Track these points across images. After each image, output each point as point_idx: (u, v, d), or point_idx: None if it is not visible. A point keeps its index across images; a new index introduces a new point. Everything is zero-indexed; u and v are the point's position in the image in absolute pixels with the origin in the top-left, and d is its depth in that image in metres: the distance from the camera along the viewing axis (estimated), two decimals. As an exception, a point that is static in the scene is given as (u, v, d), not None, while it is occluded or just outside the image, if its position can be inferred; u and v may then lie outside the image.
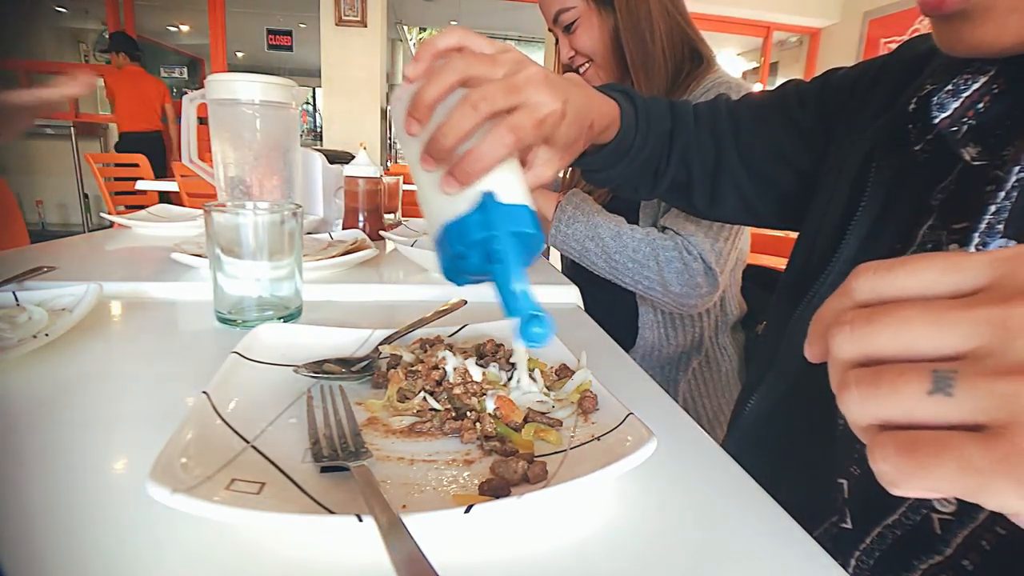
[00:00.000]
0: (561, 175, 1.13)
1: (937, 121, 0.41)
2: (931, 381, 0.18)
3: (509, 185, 0.37)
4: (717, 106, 0.68)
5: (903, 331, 0.19)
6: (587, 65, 0.97)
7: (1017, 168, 0.35)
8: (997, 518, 0.34)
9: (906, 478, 0.18)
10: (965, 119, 0.40)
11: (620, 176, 0.64)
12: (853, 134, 0.52)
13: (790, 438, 0.49)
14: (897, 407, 0.18)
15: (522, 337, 0.32)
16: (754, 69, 5.76)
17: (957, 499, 0.36)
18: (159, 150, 4.26)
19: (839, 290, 0.21)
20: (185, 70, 6.38)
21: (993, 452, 0.16)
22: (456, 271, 0.37)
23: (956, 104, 0.40)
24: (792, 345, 0.49)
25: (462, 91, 0.38)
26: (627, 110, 0.59)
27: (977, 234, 0.36)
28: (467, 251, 0.35)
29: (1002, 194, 0.36)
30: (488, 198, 0.35)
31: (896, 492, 0.18)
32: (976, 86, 0.40)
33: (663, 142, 0.65)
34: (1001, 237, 0.36)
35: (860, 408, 0.19)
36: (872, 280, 0.20)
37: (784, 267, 0.59)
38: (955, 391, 0.17)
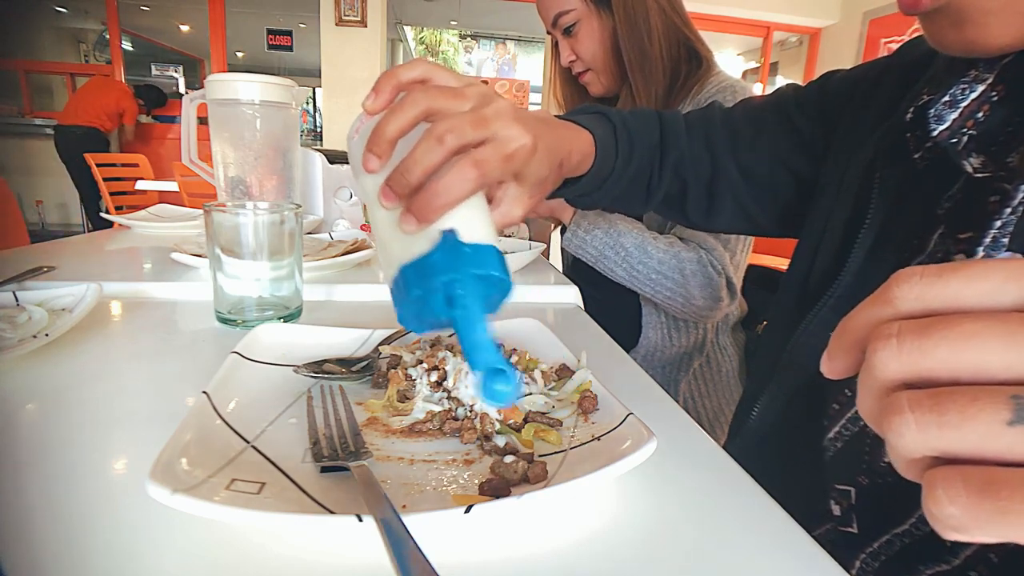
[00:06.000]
0: None
1: (936, 134, 0.40)
2: (1012, 409, 0.15)
3: (474, 223, 0.34)
4: (711, 114, 0.65)
5: (968, 347, 0.16)
6: (586, 72, 0.97)
7: None
8: None
9: (980, 524, 0.15)
10: (964, 130, 0.39)
11: (605, 198, 0.62)
12: (854, 139, 0.52)
13: (793, 446, 0.49)
14: (967, 439, 0.16)
15: (483, 394, 0.29)
16: (754, 69, 5.76)
17: None
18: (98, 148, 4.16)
19: (876, 297, 0.18)
20: (181, 69, 6.38)
21: None
22: (414, 317, 0.33)
23: (955, 115, 0.40)
24: (797, 356, 0.48)
25: (425, 125, 0.36)
26: (603, 137, 0.56)
27: (982, 247, 0.36)
28: (426, 295, 0.31)
29: (1008, 210, 0.35)
30: (450, 236, 0.32)
31: (959, 538, 0.16)
32: (974, 95, 0.39)
33: (652, 157, 0.63)
34: (1006, 250, 0.35)
35: (917, 437, 0.16)
36: (919, 287, 0.17)
37: (784, 268, 0.59)
38: None
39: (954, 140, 0.39)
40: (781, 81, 5.72)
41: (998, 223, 0.36)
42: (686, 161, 0.64)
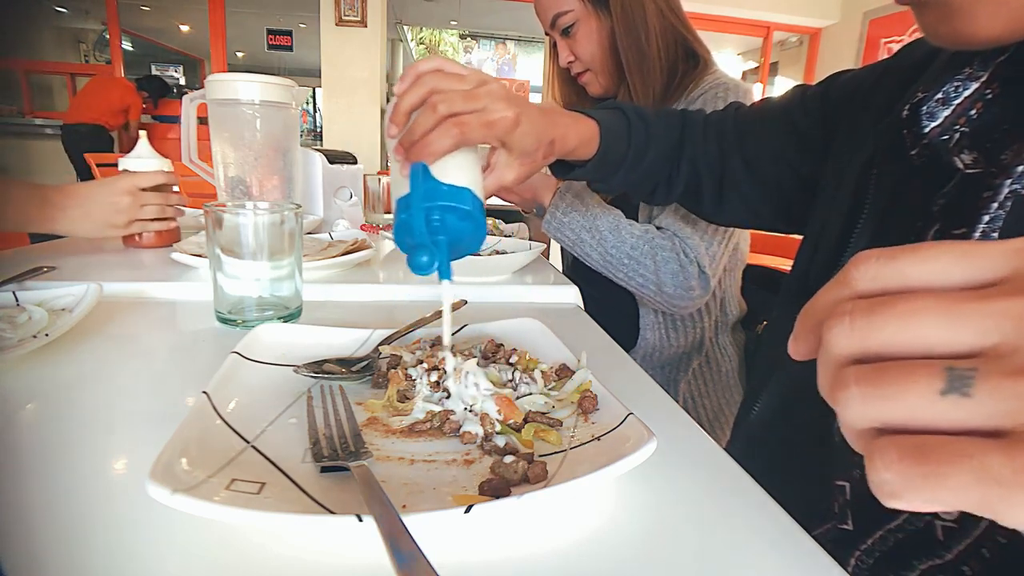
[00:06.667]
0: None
1: (927, 130, 0.40)
2: (945, 380, 0.16)
3: (458, 173, 0.45)
4: (727, 113, 0.69)
5: (911, 324, 0.17)
6: (584, 72, 0.96)
7: (1009, 180, 0.35)
8: (998, 527, 0.33)
9: (912, 489, 0.16)
10: (957, 127, 0.39)
11: (624, 184, 0.67)
12: (854, 139, 0.52)
13: (792, 442, 0.49)
14: (904, 408, 0.16)
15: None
16: (754, 69, 5.76)
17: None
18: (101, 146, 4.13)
19: (836, 279, 0.19)
20: (181, 69, 6.38)
21: (1016, 461, 0.15)
22: (401, 237, 0.44)
23: (947, 112, 0.40)
24: None
25: None
26: (613, 127, 0.62)
27: None
28: (408, 219, 0.42)
29: (995, 204, 0.36)
30: (421, 171, 0.43)
31: (896, 504, 0.16)
32: (967, 93, 0.39)
33: (672, 152, 0.68)
34: None
35: (861, 409, 0.17)
36: (875, 268, 0.18)
37: (784, 267, 0.59)
38: (974, 391, 0.15)
39: (945, 137, 0.40)
40: (781, 81, 5.72)
41: (986, 218, 0.36)
42: (699, 157, 0.68)
